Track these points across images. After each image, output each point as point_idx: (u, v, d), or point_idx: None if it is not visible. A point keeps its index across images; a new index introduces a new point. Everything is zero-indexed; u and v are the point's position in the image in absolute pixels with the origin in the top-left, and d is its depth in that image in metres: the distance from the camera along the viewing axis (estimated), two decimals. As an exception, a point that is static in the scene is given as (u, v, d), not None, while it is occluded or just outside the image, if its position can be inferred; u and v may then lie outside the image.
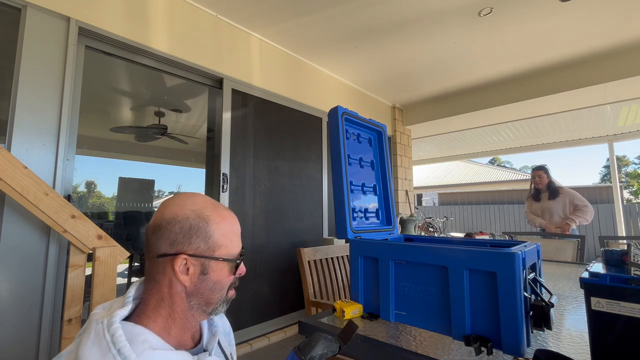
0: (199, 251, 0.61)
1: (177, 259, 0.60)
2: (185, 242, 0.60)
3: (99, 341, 0.53)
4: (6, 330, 1.45)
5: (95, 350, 0.52)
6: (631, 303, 0.61)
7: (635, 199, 18.59)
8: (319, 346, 0.64)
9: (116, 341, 0.52)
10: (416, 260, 0.95)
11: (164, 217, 0.61)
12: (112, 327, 0.54)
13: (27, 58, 1.62)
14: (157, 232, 0.61)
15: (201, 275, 0.61)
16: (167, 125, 4.36)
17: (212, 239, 0.62)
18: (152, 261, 0.62)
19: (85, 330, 0.56)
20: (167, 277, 0.60)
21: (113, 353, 0.51)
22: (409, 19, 2.60)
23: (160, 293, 0.61)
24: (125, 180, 5.29)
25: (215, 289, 0.63)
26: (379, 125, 1.47)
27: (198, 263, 0.61)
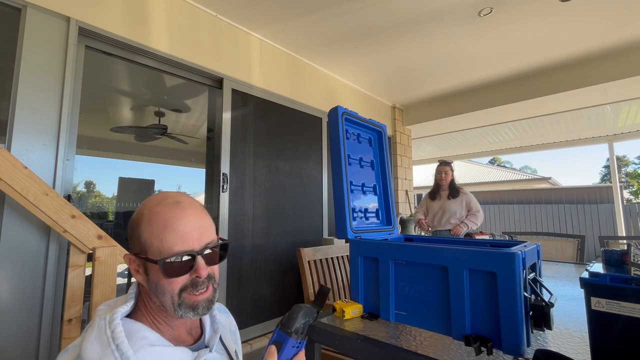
0: (136, 251, 0.61)
1: (125, 257, 0.63)
2: (131, 242, 0.62)
3: (100, 336, 0.55)
4: (6, 330, 1.45)
5: (96, 345, 0.54)
6: (631, 303, 0.61)
7: (635, 199, 18.58)
8: (301, 316, 0.65)
9: (115, 337, 0.54)
10: (416, 260, 0.95)
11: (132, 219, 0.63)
12: (113, 323, 0.55)
13: (27, 58, 1.62)
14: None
15: (145, 275, 0.61)
16: (167, 125, 4.36)
17: (142, 238, 0.59)
18: None
19: (90, 326, 0.57)
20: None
21: (112, 348, 0.53)
22: (409, 19, 2.60)
23: (143, 292, 0.63)
24: (125, 180, 5.29)
25: (159, 291, 0.59)
26: (379, 125, 1.47)
27: (141, 263, 0.61)
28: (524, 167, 37.54)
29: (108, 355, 0.53)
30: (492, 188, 14.16)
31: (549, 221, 7.47)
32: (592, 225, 6.90)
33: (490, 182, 15.50)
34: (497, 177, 16.04)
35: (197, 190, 7.43)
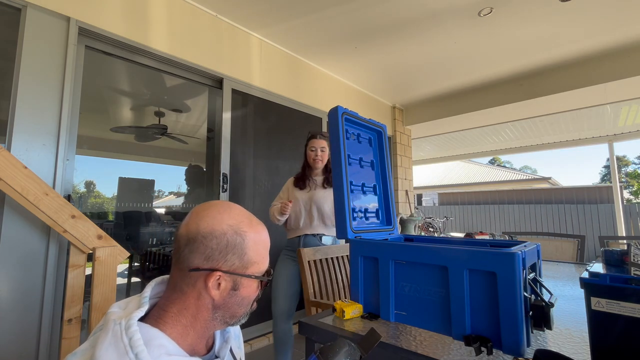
0: (232, 268, 0.60)
1: (211, 275, 0.59)
2: (221, 259, 0.59)
3: (116, 343, 0.52)
4: (6, 330, 1.45)
5: (111, 352, 0.51)
6: (631, 303, 0.61)
7: (635, 199, 18.59)
8: (343, 354, 0.61)
9: (134, 345, 0.51)
10: (416, 260, 0.95)
11: (200, 230, 0.59)
12: (130, 329, 0.53)
13: (27, 58, 1.62)
14: (191, 245, 0.59)
15: (232, 290, 0.61)
16: (167, 125, 4.36)
17: (247, 256, 0.62)
18: (182, 272, 0.60)
19: (102, 330, 0.55)
20: (197, 290, 0.60)
21: (130, 357, 0.50)
22: (409, 19, 2.60)
23: (184, 304, 0.60)
24: (125, 180, 5.29)
25: (243, 304, 0.63)
26: (379, 125, 1.47)
27: (230, 279, 0.61)
28: (524, 167, 37.56)
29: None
30: (492, 188, 14.17)
31: (549, 221, 7.48)
32: (592, 225, 6.90)
33: (490, 182, 15.51)
34: (497, 177, 16.05)
35: (197, 190, 7.43)
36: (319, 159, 2.01)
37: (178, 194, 6.95)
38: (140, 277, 3.97)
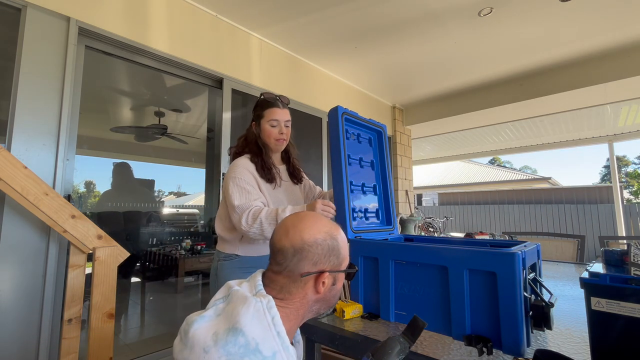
0: (333, 266, 0.70)
1: (321, 276, 0.68)
2: (326, 261, 0.69)
3: (260, 319, 0.59)
4: (6, 330, 1.45)
5: (256, 325, 0.58)
6: (631, 303, 0.61)
7: (635, 199, 18.59)
8: (395, 354, 0.63)
9: (276, 323, 0.60)
10: (416, 260, 0.95)
11: (305, 241, 0.67)
12: (272, 310, 0.61)
13: (27, 58, 1.62)
14: (298, 255, 0.67)
15: (332, 285, 0.70)
16: (167, 125, 4.36)
17: (341, 255, 0.72)
18: (291, 278, 0.67)
19: (238, 303, 0.61)
20: (305, 291, 0.68)
21: (273, 334, 0.58)
22: (409, 19, 2.60)
23: (291, 302, 0.67)
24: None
25: (337, 294, 0.74)
26: (379, 125, 1.47)
27: (332, 276, 0.70)
28: (524, 167, 37.55)
29: (270, 339, 0.57)
30: (492, 188, 14.17)
31: (549, 221, 7.48)
32: (592, 225, 6.90)
33: (490, 182, 15.50)
34: (497, 177, 16.05)
35: (197, 190, 7.43)
36: (283, 139, 1.37)
37: (178, 194, 6.94)
38: (139, 277, 3.97)
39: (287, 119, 1.39)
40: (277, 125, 1.36)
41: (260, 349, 0.55)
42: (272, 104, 1.38)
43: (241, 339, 0.55)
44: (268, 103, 1.38)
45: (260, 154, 1.35)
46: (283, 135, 1.37)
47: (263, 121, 1.37)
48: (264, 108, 1.38)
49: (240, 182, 1.25)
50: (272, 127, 1.36)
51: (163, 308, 3.43)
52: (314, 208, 1.17)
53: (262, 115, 1.37)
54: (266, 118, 1.36)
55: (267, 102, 1.38)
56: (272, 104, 1.38)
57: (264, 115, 1.37)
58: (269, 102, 1.38)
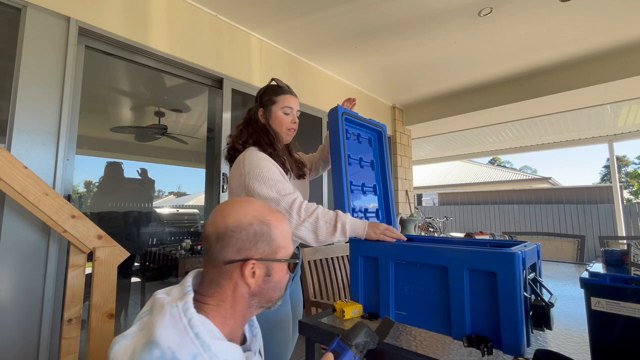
0: (264, 254, 0.64)
1: (246, 264, 0.62)
2: (252, 248, 0.63)
3: (176, 324, 0.55)
4: (6, 330, 1.45)
5: (172, 333, 0.54)
6: (631, 303, 0.61)
7: (635, 199, 18.60)
8: (363, 334, 0.67)
9: (193, 325, 0.55)
10: (416, 260, 0.95)
11: (228, 225, 0.63)
12: (188, 312, 0.56)
13: (27, 58, 1.62)
14: (222, 240, 0.62)
15: (266, 277, 0.65)
16: (167, 125, 4.36)
17: (275, 242, 0.66)
18: (217, 268, 0.63)
19: (156, 313, 0.57)
20: (233, 282, 0.63)
21: (191, 337, 0.54)
22: (409, 19, 2.60)
23: (222, 296, 0.63)
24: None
25: (277, 288, 0.67)
26: (379, 125, 1.47)
27: (263, 266, 0.64)
28: (524, 167, 37.55)
29: (187, 342, 0.53)
30: (492, 188, 14.17)
31: (549, 221, 7.48)
32: (592, 225, 6.90)
33: (490, 182, 15.50)
34: (497, 177, 16.05)
35: (197, 190, 7.42)
36: (294, 128, 1.27)
37: (178, 194, 6.94)
38: (140, 277, 3.97)
39: (299, 109, 1.28)
40: (290, 113, 1.24)
41: (177, 357, 0.52)
42: (285, 90, 1.25)
43: (156, 352, 0.52)
44: (281, 89, 1.24)
45: (272, 144, 1.19)
46: (295, 125, 1.25)
47: (275, 107, 1.22)
48: (278, 93, 1.24)
49: (273, 175, 1.08)
50: (286, 115, 1.22)
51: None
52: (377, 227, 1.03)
53: (274, 101, 1.22)
54: (279, 104, 1.22)
55: (280, 88, 1.25)
56: (286, 90, 1.25)
57: (277, 101, 1.22)
58: (283, 88, 1.25)
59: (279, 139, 1.23)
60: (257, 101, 1.27)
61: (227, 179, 2.46)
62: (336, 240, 1.04)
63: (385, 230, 1.04)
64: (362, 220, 1.07)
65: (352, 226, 1.04)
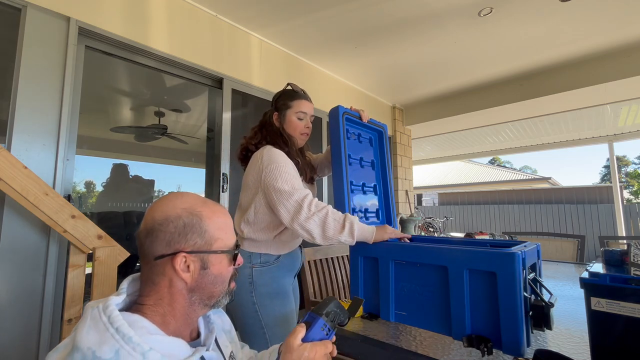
0: (196, 247, 0.61)
1: (176, 257, 0.59)
2: (182, 240, 0.60)
3: (96, 324, 0.53)
4: (6, 330, 1.45)
5: (92, 333, 0.52)
6: (631, 303, 0.61)
7: (635, 199, 18.60)
8: (332, 304, 0.69)
9: (113, 321, 0.52)
10: (416, 260, 0.95)
11: (155, 219, 0.61)
12: (108, 309, 0.54)
13: (27, 58, 1.62)
14: (150, 235, 0.60)
15: (202, 270, 0.62)
16: (167, 125, 4.36)
17: (208, 234, 0.63)
18: (149, 265, 0.61)
19: (82, 319, 0.55)
20: (167, 278, 0.60)
21: (111, 332, 0.51)
22: (409, 19, 2.60)
23: (158, 294, 0.60)
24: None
25: (217, 282, 0.64)
26: (380, 125, 1.47)
27: (197, 259, 0.61)
28: (524, 167, 37.56)
29: (108, 339, 0.51)
30: (492, 188, 14.17)
31: (549, 221, 7.48)
32: (592, 225, 6.90)
33: (490, 182, 15.50)
34: (497, 177, 16.05)
35: (197, 190, 7.44)
36: (307, 133, 1.32)
37: (178, 194, 6.87)
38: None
39: (312, 114, 1.32)
40: (304, 118, 1.28)
41: (98, 355, 0.50)
42: (301, 95, 1.30)
43: (77, 356, 0.50)
44: (297, 94, 1.30)
45: (287, 146, 1.24)
46: (308, 130, 1.30)
47: (290, 112, 1.27)
48: (293, 98, 1.29)
49: (290, 170, 1.13)
50: (299, 120, 1.27)
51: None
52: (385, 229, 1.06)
53: (289, 106, 1.28)
54: (294, 109, 1.27)
55: (296, 93, 1.30)
56: (301, 95, 1.31)
57: (291, 105, 1.27)
58: (298, 93, 1.31)
59: (293, 142, 1.27)
60: (273, 105, 1.32)
61: (227, 179, 2.46)
62: (343, 240, 1.05)
63: (393, 231, 1.09)
64: (370, 226, 1.09)
65: (361, 229, 1.05)
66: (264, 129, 1.28)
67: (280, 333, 1.13)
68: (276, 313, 1.13)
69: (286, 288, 1.22)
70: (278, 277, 1.19)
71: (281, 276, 1.21)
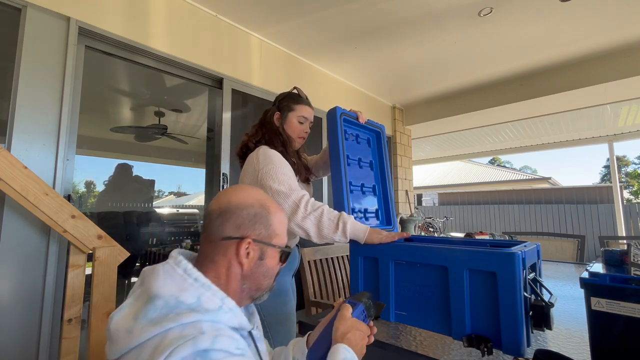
0: (260, 237, 0.66)
1: (242, 242, 0.63)
2: (250, 228, 0.65)
3: (172, 276, 0.56)
4: (6, 330, 1.45)
5: (170, 283, 0.55)
6: (631, 303, 0.61)
7: (635, 199, 18.61)
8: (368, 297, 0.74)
9: (190, 273, 0.57)
10: (416, 260, 0.95)
11: (231, 202, 0.65)
12: (181, 263, 0.58)
13: (27, 58, 1.62)
14: (223, 216, 0.64)
15: (259, 260, 0.66)
16: (167, 125, 4.36)
17: (272, 228, 0.67)
18: (213, 243, 0.64)
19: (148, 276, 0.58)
20: (227, 259, 0.63)
21: (190, 281, 0.56)
22: (409, 19, 2.60)
23: (217, 272, 0.63)
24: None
25: (267, 275, 0.68)
26: (377, 125, 1.47)
27: (258, 248, 0.65)
28: (524, 167, 37.54)
29: (188, 286, 0.55)
30: (492, 188, 14.17)
31: (549, 221, 7.47)
32: (592, 225, 6.90)
33: (490, 182, 15.50)
34: (497, 177, 16.05)
35: (197, 190, 7.43)
36: (304, 137, 1.37)
37: (178, 194, 6.93)
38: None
39: (312, 121, 1.37)
40: (304, 122, 1.33)
41: (181, 300, 0.53)
42: (305, 101, 1.36)
43: (159, 302, 0.53)
44: (302, 99, 1.35)
45: (283, 145, 1.27)
46: (306, 134, 1.35)
47: (292, 114, 1.32)
48: (297, 102, 1.34)
49: (286, 171, 1.16)
50: (300, 124, 1.32)
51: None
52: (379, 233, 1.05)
53: (292, 108, 1.32)
54: (297, 112, 1.32)
55: (300, 98, 1.36)
56: (305, 101, 1.36)
57: (294, 108, 1.32)
58: (302, 98, 1.36)
59: (290, 143, 1.30)
60: (276, 104, 1.35)
61: (227, 179, 2.46)
62: (337, 240, 1.07)
63: (387, 235, 1.07)
64: (364, 225, 1.10)
65: (353, 228, 1.07)
66: (263, 127, 1.31)
67: (282, 331, 1.14)
68: (277, 312, 1.15)
69: (286, 287, 1.23)
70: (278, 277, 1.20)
71: (281, 275, 1.21)
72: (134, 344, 0.50)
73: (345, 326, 0.66)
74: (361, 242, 1.07)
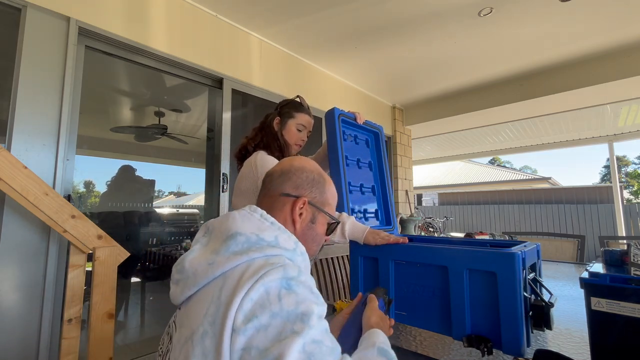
0: (315, 200, 0.71)
1: (298, 200, 0.68)
2: (307, 189, 0.70)
3: (250, 219, 0.61)
4: (6, 330, 1.45)
5: (249, 224, 0.59)
6: (631, 303, 0.61)
7: (635, 199, 18.60)
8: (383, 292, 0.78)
9: (266, 217, 0.62)
10: (416, 261, 0.95)
11: (294, 165, 0.72)
12: (257, 210, 0.63)
13: (27, 58, 1.62)
14: (284, 176, 0.70)
15: (310, 223, 0.70)
16: (167, 125, 4.36)
17: (325, 195, 0.72)
18: (272, 198, 0.69)
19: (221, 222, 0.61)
20: (283, 216, 0.67)
21: (267, 224, 0.60)
22: (409, 19, 2.60)
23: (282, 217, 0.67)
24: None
25: (315, 240, 0.72)
26: (376, 126, 1.47)
27: (311, 210, 0.70)
28: (524, 167, 37.53)
29: (266, 227, 0.59)
30: (492, 188, 14.16)
31: (549, 221, 7.47)
32: (592, 225, 6.90)
33: (490, 182, 15.50)
34: (497, 177, 16.04)
35: (197, 190, 7.43)
36: (301, 145, 1.39)
37: (178, 194, 6.92)
38: (139, 277, 3.96)
39: (310, 130, 1.41)
40: (302, 130, 1.37)
41: (262, 237, 0.57)
42: (306, 110, 1.39)
43: (240, 238, 0.56)
44: (303, 108, 1.39)
45: (280, 150, 1.31)
46: (302, 142, 1.38)
47: (292, 121, 1.35)
48: (298, 110, 1.37)
49: None
50: (298, 131, 1.36)
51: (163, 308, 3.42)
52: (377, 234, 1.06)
53: (292, 115, 1.35)
54: (296, 120, 1.35)
55: (302, 107, 1.39)
56: (306, 110, 1.39)
57: (295, 116, 1.35)
58: (304, 107, 1.40)
59: (287, 149, 1.34)
60: (277, 109, 1.38)
61: (227, 179, 2.46)
62: (337, 240, 1.09)
63: (384, 237, 1.06)
64: (363, 226, 1.10)
65: (351, 228, 1.08)
66: (263, 130, 1.34)
67: None
68: None
69: None
70: None
71: None
72: (217, 274, 0.53)
73: (377, 316, 0.70)
74: (360, 242, 1.08)
